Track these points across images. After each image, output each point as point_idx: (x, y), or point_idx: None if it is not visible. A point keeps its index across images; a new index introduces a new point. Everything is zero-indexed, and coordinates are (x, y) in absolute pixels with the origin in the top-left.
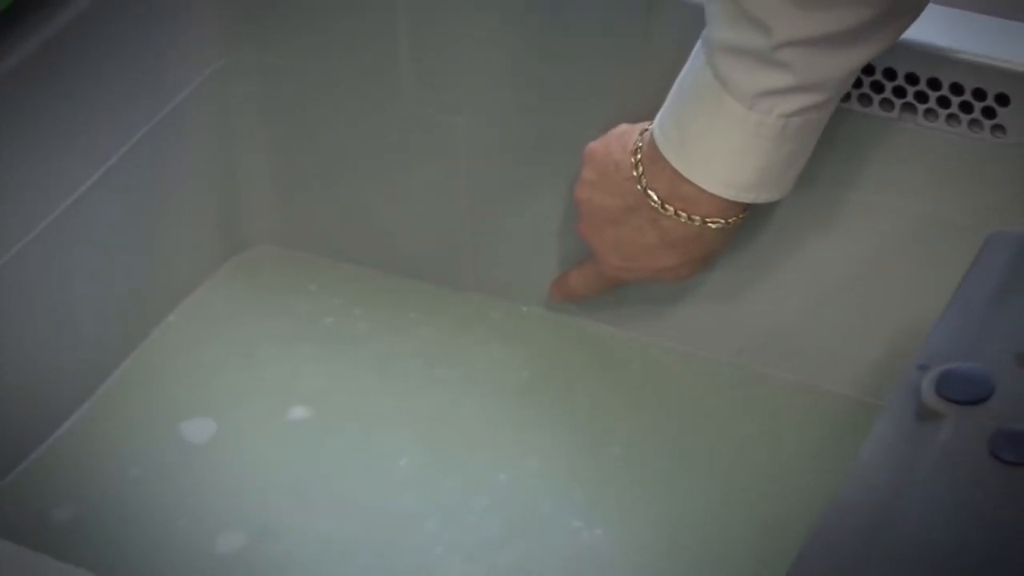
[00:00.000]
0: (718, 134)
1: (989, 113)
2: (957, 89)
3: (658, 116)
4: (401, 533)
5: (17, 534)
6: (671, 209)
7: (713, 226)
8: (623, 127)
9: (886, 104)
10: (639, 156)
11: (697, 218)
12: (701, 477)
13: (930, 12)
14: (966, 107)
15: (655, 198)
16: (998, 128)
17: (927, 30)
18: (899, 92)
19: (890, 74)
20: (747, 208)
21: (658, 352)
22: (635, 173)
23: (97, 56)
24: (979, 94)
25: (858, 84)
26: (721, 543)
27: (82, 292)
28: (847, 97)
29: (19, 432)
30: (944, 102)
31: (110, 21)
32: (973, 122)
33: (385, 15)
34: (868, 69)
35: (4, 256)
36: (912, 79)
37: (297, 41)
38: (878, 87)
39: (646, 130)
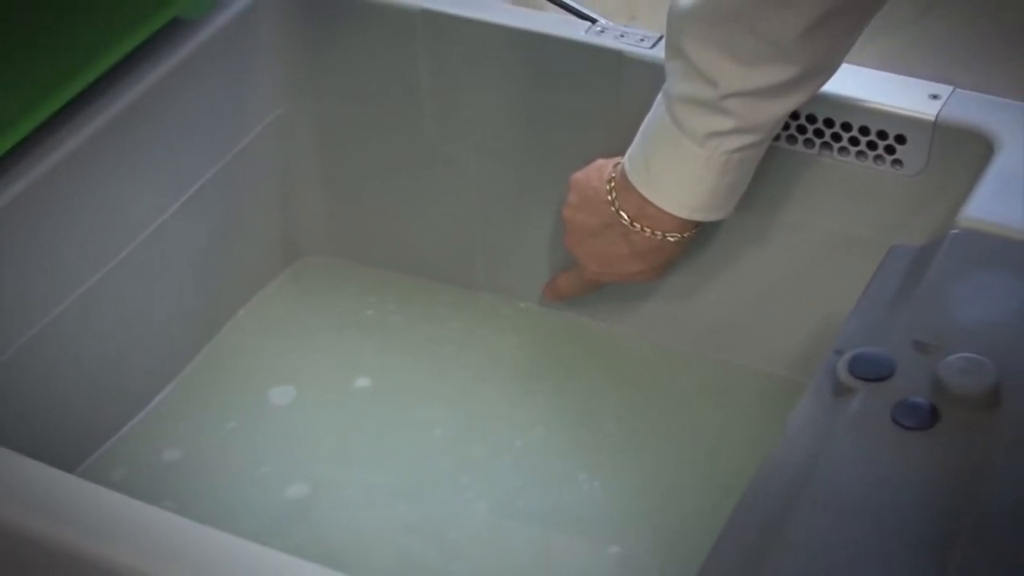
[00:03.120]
0: (676, 167)
1: (890, 150)
2: (865, 131)
3: (628, 152)
4: (438, 487)
5: (134, 469)
6: (639, 226)
7: (672, 239)
8: (600, 161)
9: (808, 143)
10: (613, 184)
11: (659, 233)
12: (674, 441)
13: (843, 70)
14: (872, 145)
15: (626, 217)
16: (897, 162)
17: (841, 84)
18: (819, 133)
19: (812, 119)
20: (698, 225)
21: (635, 342)
22: (610, 198)
23: (183, 105)
24: (882, 135)
25: (786, 127)
26: (689, 492)
27: (169, 291)
28: (778, 137)
29: (126, 395)
30: (854, 141)
31: (193, 78)
32: (877, 157)
33: (412, 73)
34: (795, 115)
35: (111, 263)
36: (829, 123)
37: (343, 93)
38: (802, 129)
39: (618, 163)
